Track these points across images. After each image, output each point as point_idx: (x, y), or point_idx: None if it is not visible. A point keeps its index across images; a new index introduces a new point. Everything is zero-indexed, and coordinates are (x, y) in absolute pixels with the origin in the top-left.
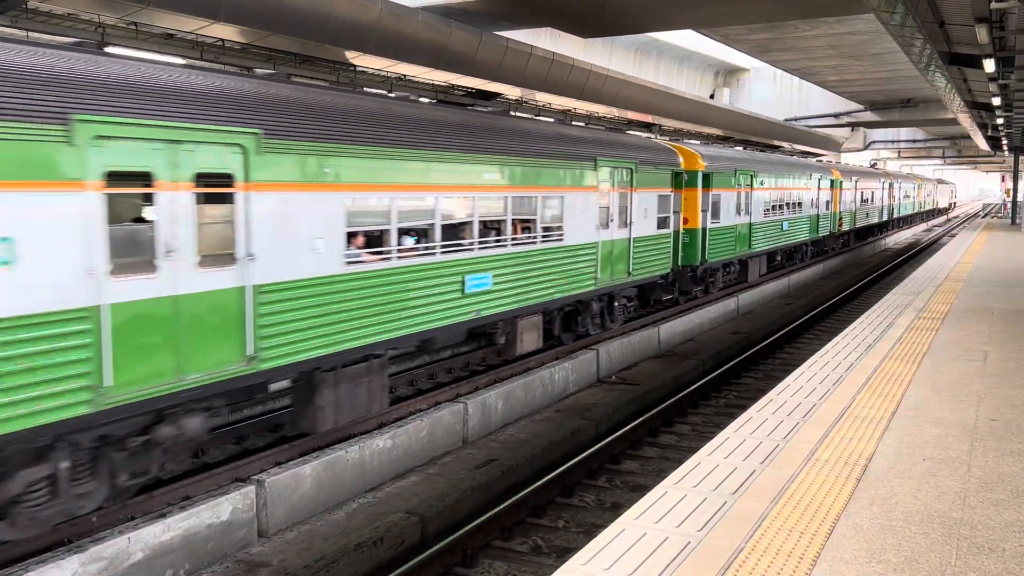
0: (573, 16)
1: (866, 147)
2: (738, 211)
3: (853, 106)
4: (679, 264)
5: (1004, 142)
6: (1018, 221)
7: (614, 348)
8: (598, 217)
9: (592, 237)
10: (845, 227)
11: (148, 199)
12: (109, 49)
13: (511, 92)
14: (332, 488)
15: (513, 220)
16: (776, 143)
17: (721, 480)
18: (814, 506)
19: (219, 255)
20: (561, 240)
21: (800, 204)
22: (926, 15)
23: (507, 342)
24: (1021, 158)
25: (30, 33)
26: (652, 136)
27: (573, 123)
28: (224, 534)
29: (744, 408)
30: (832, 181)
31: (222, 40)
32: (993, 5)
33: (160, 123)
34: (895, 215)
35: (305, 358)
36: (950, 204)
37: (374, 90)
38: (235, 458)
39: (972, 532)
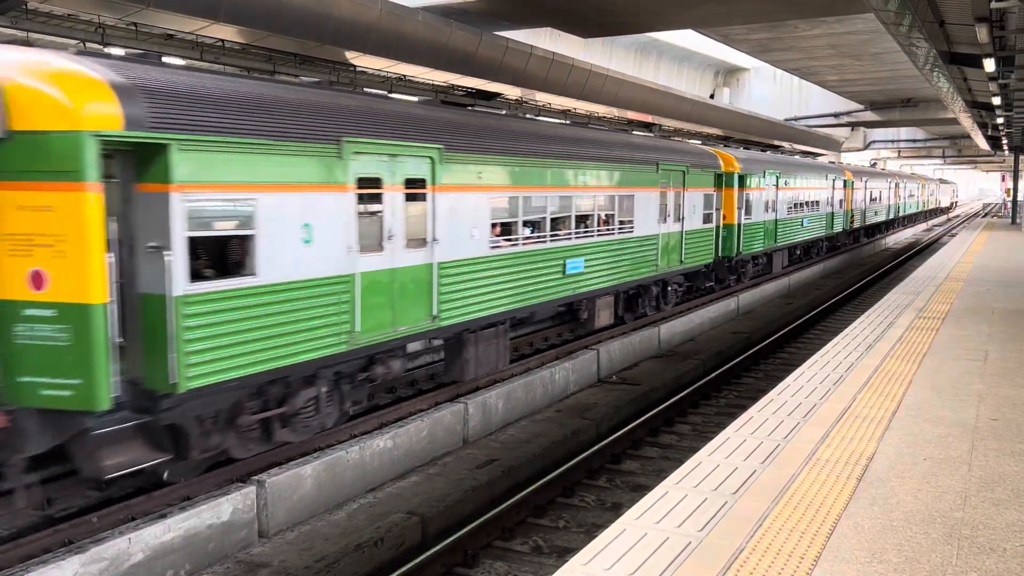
0: (573, 16)
1: (866, 147)
2: (766, 209)
3: (853, 106)
4: (719, 255)
5: (1004, 142)
6: (1018, 221)
7: (615, 348)
8: (659, 212)
9: (654, 230)
10: (856, 224)
11: (378, 198)
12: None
13: (511, 92)
14: (333, 488)
15: (598, 215)
16: (776, 143)
17: (722, 480)
18: (815, 506)
19: (417, 239)
20: (632, 232)
21: (817, 203)
22: (926, 15)
23: (588, 317)
24: (1021, 157)
25: (30, 34)
26: (699, 143)
27: (637, 132)
28: (225, 534)
29: (745, 408)
30: (845, 181)
31: (222, 40)
32: (993, 4)
33: (387, 142)
34: (901, 213)
35: (465, 320)
36: (952, 203)
37: (506, 113)
38: (235, 458)
39: (973, 532)
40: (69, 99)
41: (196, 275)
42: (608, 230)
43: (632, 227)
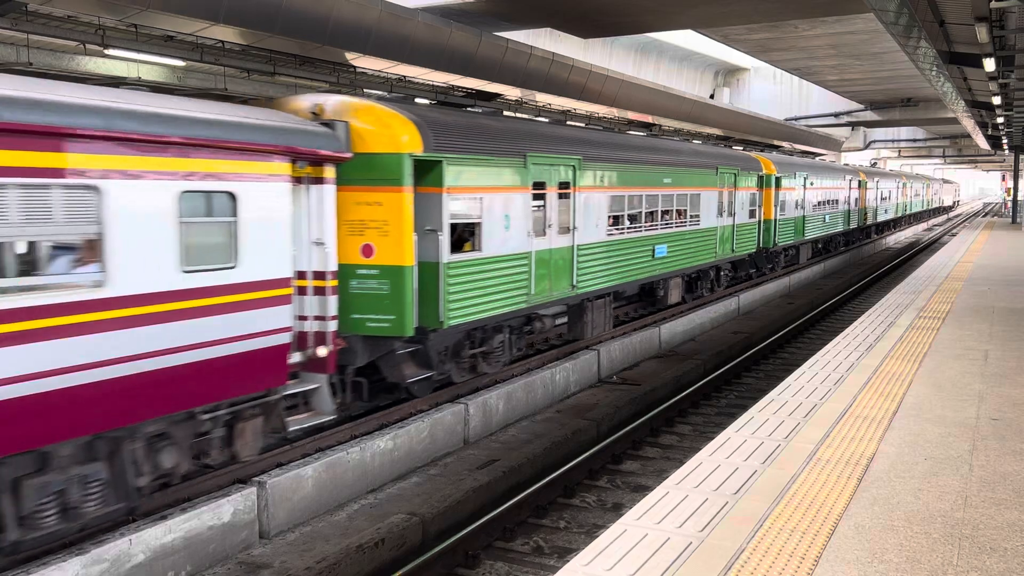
0: (572, 16)
1: (866, 146)
2: (796, 206)
3: (853, 105)
4: (760, 246)
5: (1004, 141)
6: (1019, 220)
7: (615, 348)
8: (717, 208)
9: (714, 223)
10: (869, 221)
11: (542, 197)
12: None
13: (511, 92)
14: (333, 489)
15: (675, 210)
16: (776, 143)
17: (723, 480)
18: (816, 506)
19: (564, 228)
20: (699, 224)
21: (837, 201)
22: (926, 14)
23: (663, 295)
24: (1021, 157)
25: (30, 35)
26: (742, 148)
27: (698, 141)
28: (225, 535)
29: (745, 408)
30: (860, 182)
31: (222, 42)
32: (993, 4)
33: (550, 155)
34: (908, 211)
35: (592, 290)
36: (954, 202)
37: (616, 130)
38: (236, 460)
39: (974, 532)
40: (395, 133)
41: (453, 249)
42: (682, 223)
43: (699, 220)
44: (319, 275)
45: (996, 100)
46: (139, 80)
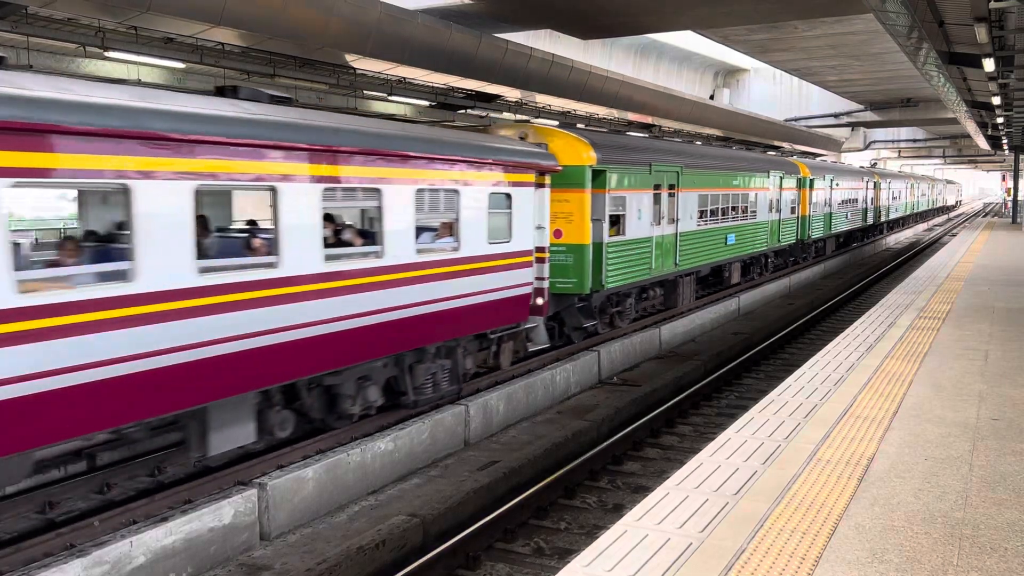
0: (572, 17)
1: (866, 147)
2: (824, 205)
3: (853, 106)
4: (799, 238)
5: (1004, 141)
6: (1019, 220)
7: (615, 349)
8: (768, 206)
9: (767, 217)
10: (882, 218)
11: (659, 196)
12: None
13: (511, 94)
14: (334, 491)
15: (740, 206)
16: (776, 143)
17: (723, 481)
18: (816, 506)
19: (670, 219)
20: (755, 218)
21: (856, 200)
22: (925, 15)
23: (728, 276)
24: (1021, 157)
25: (30, 38)
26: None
27: (755, 150)
28: (226, 537)
29: (745, 409)
30: (875, 183)
31: (222, 44)
32: (992, 4)
33: (665, 164)
34: (916, 209)
35: (686, 268)
36: (957, 201)
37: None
38: (237, 461)
39: (974, 532)
40: (580, 152)
41: (610, 233)
42: (745, 217)
43: (756, 215)
44: (540, 250)
45: (996, 100)
46: (139, 82)
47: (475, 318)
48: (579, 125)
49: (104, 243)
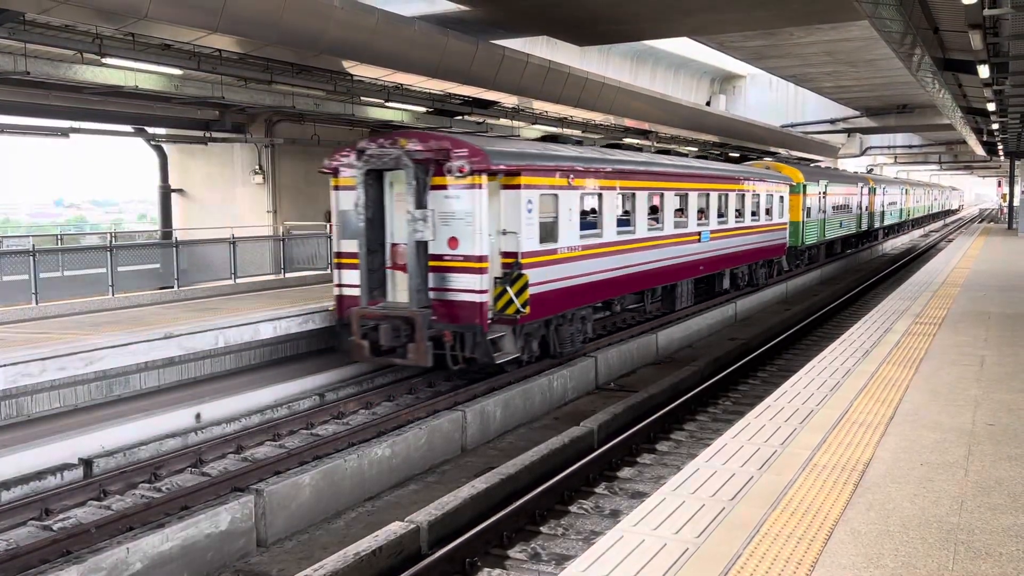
0: (569, 24)
1: (862, 153)
2: (817, 211)
3: (849, 112)
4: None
5: (999, 147)
6: (1015, 226)
7: (612, 355)
8: (777, 211)
9: (774, 222)
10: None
11: (821, 196)
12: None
13: (507, 100)
14: (331, 497)
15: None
16: (773, 149)
17: (719, 486)
18: (812, 512)
19: (820, 209)
20: (770, 220)
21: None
22: (920, 21)
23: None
24: (1017, 163)
25: (27, 45)
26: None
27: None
28: (223, 543)
29: (742, 414)
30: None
31: (219, 50)
32: (986, 11)
33: (816, 180)
34: (928, 212)
35: (825, 240)
36: (959, 206)
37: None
38: (234, 468)
39: (969, 537)
40: (797, 175)
41: (805, 216)
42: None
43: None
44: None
45: (991, 106)
46: (136, 88)
47: (758, 254)
48: (577, 132)
49: (587, 217)
